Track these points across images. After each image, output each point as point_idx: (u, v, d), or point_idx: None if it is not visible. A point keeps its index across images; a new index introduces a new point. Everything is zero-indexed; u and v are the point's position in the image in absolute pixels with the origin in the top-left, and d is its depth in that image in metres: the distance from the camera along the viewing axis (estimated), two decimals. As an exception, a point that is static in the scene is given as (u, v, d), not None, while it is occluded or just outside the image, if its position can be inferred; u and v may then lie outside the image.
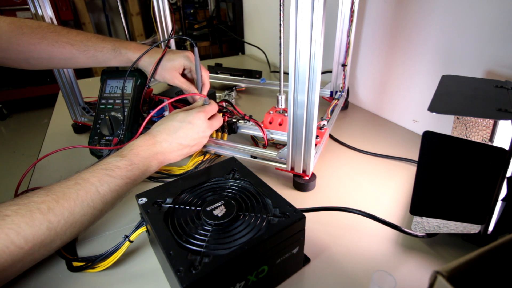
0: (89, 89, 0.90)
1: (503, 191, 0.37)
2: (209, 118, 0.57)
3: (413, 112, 0.74)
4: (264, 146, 0.63)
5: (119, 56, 0.62)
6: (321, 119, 0.68)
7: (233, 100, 0.91)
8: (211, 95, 0.78)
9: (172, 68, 0.64)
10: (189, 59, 0.64)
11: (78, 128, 0.78)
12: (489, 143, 0.46)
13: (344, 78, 0.80)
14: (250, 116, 0.65)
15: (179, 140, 0.52)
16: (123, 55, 0.62)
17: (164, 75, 0.64)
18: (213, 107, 0.58)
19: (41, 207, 0.36)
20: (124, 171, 0.45)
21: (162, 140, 0.51)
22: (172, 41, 1.04)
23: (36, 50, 0.57)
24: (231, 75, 1.04)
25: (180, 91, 0.78)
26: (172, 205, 0.40)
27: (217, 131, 0.65)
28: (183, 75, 0.67)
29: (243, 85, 0.99)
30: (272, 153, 0.57)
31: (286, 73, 0.49)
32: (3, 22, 0.56)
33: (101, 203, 0.41)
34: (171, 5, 0.92)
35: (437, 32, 0.64)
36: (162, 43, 0.68)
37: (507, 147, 0.34)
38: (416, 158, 0.41)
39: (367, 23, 0.80)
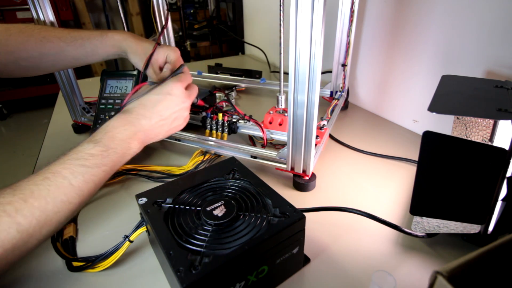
0: (89, 89, 0.90)
1: (503, 191, 0.37)
2: (186, 88, 0.53)
3: (413, 112, 0.74)
4: (263, 146, 0.63)
5: (106, 40, 0.59)
6: (321, 119, 0.68)
7: (233, 100, 0.91)
8: (210, 95, 0.78)
9: (155, 61, 0.60)
10: (173, 52, 0.60)
11: (78, 128, 0.78)
12: (489, 143, 0.46)
13: (344, 78, 0.80)
14: (250, 116, 0.65)
15: (160, 113, 0.48)
16: (109, 39, 0.59)
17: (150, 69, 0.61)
18: (187, 76, 0.54)
19: (7, 209, 0.33)
20: (99, 158, 0.41)
21: (140, 116, 0.47)
22: (172, 41, 1.03)
23: (25, 48, 0.56)
24: (231, 75, 1.04)
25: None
26: (172, 205, 0.40)
27: (217, 131, 0.65)
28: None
29: (243, 85, 0.99)
30: (272, 153, 0.57)
31: (286, 73, 0.49)
32: None
33: (77, 196, 0.39)
34: (167, 4, 0.92)
35: (437, 32, 0.64)
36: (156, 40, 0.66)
37: (507, 147, 0.34)
38: (416, 158, 0.41)
39: (367, 23, 0.80)
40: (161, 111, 0.48)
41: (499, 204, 0.38)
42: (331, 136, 0.72)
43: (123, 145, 0.44)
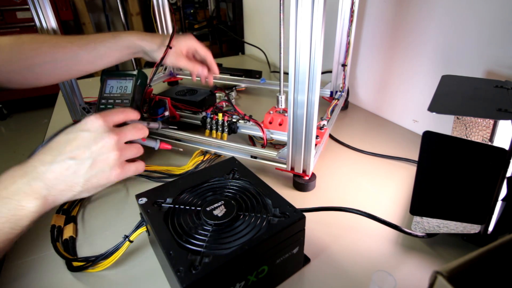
0: (89, 89, 0.89)
1: (503, 191, 0.37)
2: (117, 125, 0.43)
3: (413, 112, 0.74)
4: (263, 146, 0.63)
5: (120, 42, 0.61)
6: (321, 119, 0.68)
7: (233, 100, 0.91)
8: (211, 95, 0.78)
9: (178, 51, 0.65)
10: (192, 41, 0.67)
11: (78, 128, 0.78)
12: (489, 143, 0.46)
13: (344, 78, 0.80)
14: (250, 116, 0.65)
15: (67, 155, 0.37)
16: (123, 40, 0.61)
17: (170, 57, 0.65)
18: (122, 112, 0.43)
19: None
20: None
21: (38, 163, 0.36)
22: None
23: (38, 55, 0.56)
24: (231, 75, 1.04)
25: (180, 91, 0.78)
26: (172, 205, 0.40)
27: (217, 131, 0.65)
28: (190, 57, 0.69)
29: (243, 85, 0.99)
30: (272, 153, 0.57)
31: (286, 73, 0.49)
32: (1, 39, 0.55)
33: None
34: (171, 5, 0.92)
35: (437, 32, 0.64)
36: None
37: (507, 147, 0.34)
38: (416, 158, 0.41)
39: (367, 23, 0.80)
40: (70, 152, 0.37)
41: (499, 204, 0.38)
42: (331, 136, 0.72)
43: (9, 206, 0.33)
